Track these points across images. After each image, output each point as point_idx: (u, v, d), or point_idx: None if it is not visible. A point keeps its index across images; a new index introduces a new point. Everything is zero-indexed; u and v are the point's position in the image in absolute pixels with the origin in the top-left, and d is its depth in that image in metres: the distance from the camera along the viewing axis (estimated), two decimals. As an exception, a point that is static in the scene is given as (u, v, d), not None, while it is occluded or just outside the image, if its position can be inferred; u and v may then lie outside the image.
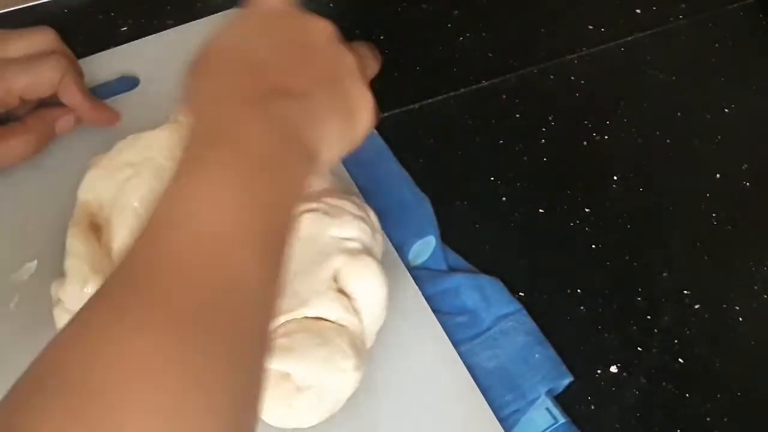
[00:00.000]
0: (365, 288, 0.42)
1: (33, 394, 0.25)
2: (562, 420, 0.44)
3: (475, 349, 0.46)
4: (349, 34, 0.63)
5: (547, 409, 0.44)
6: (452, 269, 0.50)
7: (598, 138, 0.58)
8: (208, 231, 0.29)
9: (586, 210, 0.54)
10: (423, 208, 0.52)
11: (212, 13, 0.61)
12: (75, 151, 0.52)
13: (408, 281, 0.47)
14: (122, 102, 0.55)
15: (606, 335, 0.49)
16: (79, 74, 0.51)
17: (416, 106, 0.59)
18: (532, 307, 0.48)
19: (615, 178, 0.56)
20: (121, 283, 0.28)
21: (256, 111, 0.34)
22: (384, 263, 0.48)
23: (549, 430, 0.44)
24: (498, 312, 0.47)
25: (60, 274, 0.43)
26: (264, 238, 0.31)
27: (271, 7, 0.39)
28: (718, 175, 0.57)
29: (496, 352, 0.46)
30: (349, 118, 0.38)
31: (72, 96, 0.51)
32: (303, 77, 0.36)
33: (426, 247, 0.50)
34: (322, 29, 0.39)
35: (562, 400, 0.46)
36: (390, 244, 0.49)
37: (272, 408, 0.39)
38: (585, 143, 0.58)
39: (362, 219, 0.44)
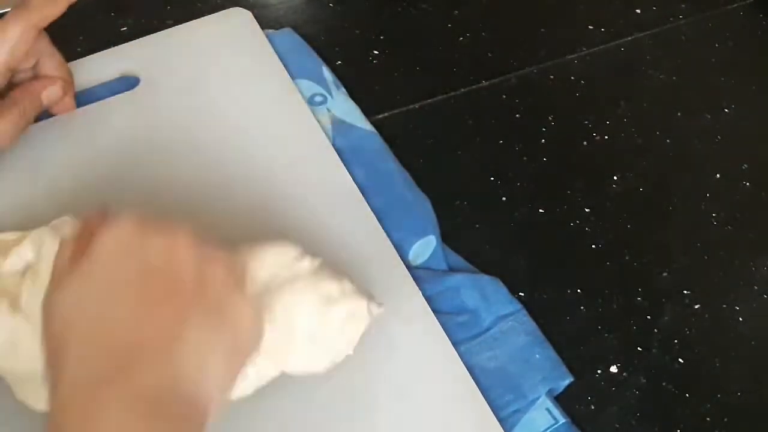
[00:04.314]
0: None
1: None
2: (562, 420, 0.44)
3: (475, 349, 0.46)
4: (349, 34, 0.64)
5: (548, 409, 0.44)
6: (452, 269, 0.50)
7: (598, 138, 0.58)
8: None
9: (586, 210, 0.54)
10: (423, 208, 0.52)
11: (212, 12, 0.61)
12: (74, 150, 0.52)
13: (408, 281, 0.47)
14: (122, 101, 0.55)
15: (606, 335, 0.49)
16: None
17: (416, 106, 0.59)
18: (532, 307, 0.48)
19: (615, 178, 0.56)
20: None
21: (112, 394, 0.30)
22: (384, 263, 0.48)
23: (549, 430, 0.44)
24: (498, 312, 0.48)
25: None
26: None
27: (122, 237, 0.35)
28: (718, 175, 0.57)
29: (496, 353, 0.46)
30: (232, 335, 0.35)
31: (57, 63, 0.50)
32: (165, 311, 0.33)
33: (426, 247, 0.50)
34: (177, 245, 0.35)
35: (562, 400, 0.46)
36: (390, 244, 0.49)
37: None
38: (585, 143, 0.58)
39: None
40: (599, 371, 0.47)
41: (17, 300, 0.39)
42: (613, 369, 0.47)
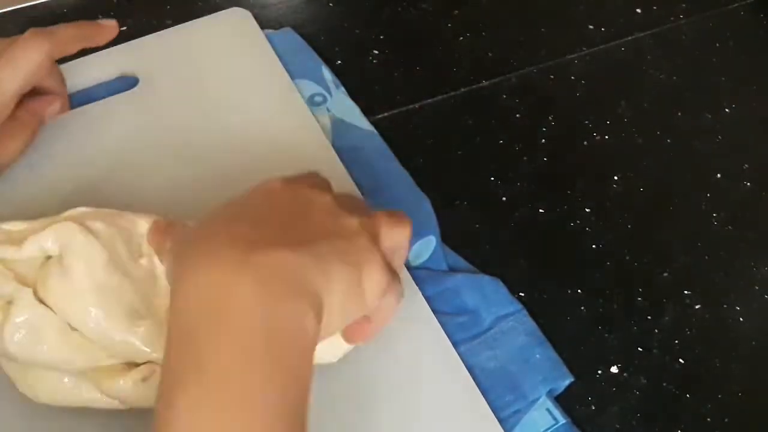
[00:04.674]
0: None
1: None
2: (562, 420, 0.44)
3: (475, 349, 0.46)
4: (349, 33, 0.64)
5: (548, 409, 0.44)
6: (452, 269, 0.50)
7: (598, 138, 0.58)
8: None
9: (586, 210, 0.54)
10: (423, 208, 0.52)
11: (212, 12, 0.61)
12: (74, 150, 0.52)
13: (408, 282, 0.47)
14: (121, 101, 0.55)
15: (606, 335, 0.49)
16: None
17: (416, 106, 0.59)
18: (532, 307, 0.48)
19: (615, 178, 0.56)
20: None
21: (247, 272, 0.32)
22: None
23: (550, 430, 0.44)
24: (498, 312, 0.47)
25: None
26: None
27: (271, 186, 0.38)
28: (718, 175, 0.57)
29: (497, 353, 0.46)
30: (355, 268, 0.35)
31: (58, 78, 0.50)
32: (301, 229, 0.35)
33: (426, 247, 0.50)
34: (322, 198, 0.38)
35: (562, 400, 0.46)
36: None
37: None
38: (585, 143, 0.58)
39: None
40: (599, 371, 0.47)
41: (42, 290, 0.39)
42: (614, 369, 0.47)
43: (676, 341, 0.49)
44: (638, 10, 0.66)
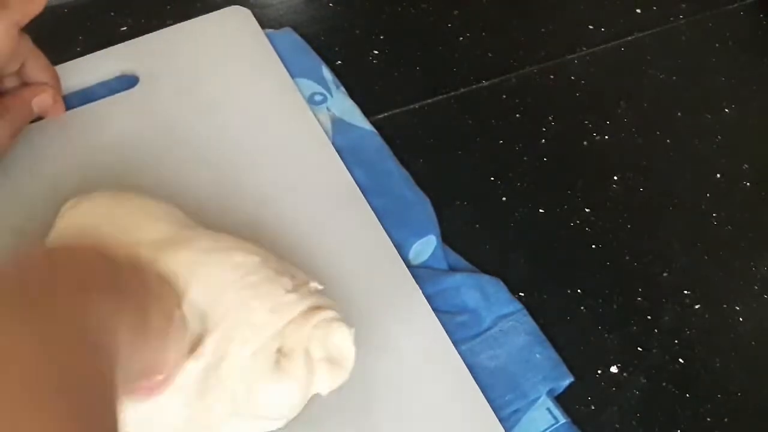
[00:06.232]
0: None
1: None
2: (562, 420, 0.44)
3: (475, 348, 0.46)
4: (349, 34, 0.64)
5: (548, 409, 0.44)
6: (452, 269, 0.50)
7: (598, 138, 0.58)
8: None
9: (586, 210, 0.54)
10: (423, 207, 0.52)
11: (212, 11, 0.61)
12: (74, 150, 0.52)
13: (408, 281, 0.47)
14: (122, 101, 0.55)
15: (606, 335, 0.49)
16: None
17: (416, 106, 0.59)
18: (532, 307, 0.48)
19: (615, 178, 0.56)
20: None
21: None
22: (384, 263, 0.48)
23: (549, 430, 0.44)
24: (498, 312, 0.47)
25: None
26: None
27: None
28: (718, 175, 0.57)
29: (497, 352, 0.46)
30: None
31: (39, 62, 0.50)
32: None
33: (426, 246, 0.50)
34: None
35: (562, 400, 0.46)
36: (390, 243, 0.49)
37: None
38: (585, 143, 0.58)
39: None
40: (599, 371, 0.47)
41: None
42: (614, 369, 0.47)
43: (676, 341, 0.49)
44: (638, 10, 0.66)
